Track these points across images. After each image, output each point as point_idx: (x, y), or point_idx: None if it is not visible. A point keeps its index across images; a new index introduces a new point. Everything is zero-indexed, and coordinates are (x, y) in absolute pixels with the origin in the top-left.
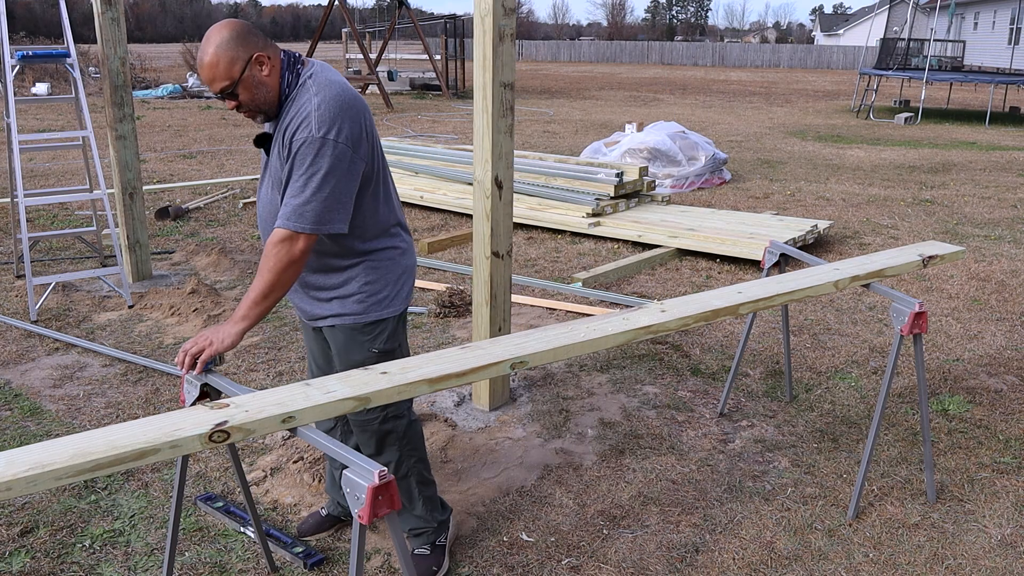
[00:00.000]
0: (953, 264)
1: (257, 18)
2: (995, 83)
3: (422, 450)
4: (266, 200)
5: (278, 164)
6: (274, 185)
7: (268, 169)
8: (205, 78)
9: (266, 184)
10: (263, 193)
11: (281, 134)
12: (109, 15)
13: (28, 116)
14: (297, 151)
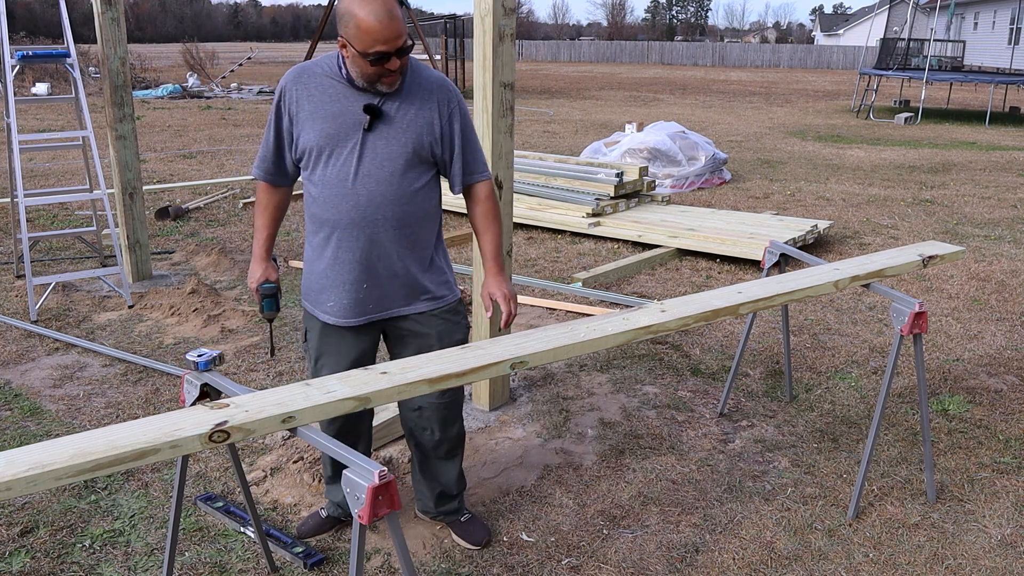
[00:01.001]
0: (953, 264)
1: (257, 18)
2: (995, 83)
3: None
4: (384, 171)
5: (407, 128)
6: (392, 152)
7: (376, 144)
8: (390, 34)
9: (370, 154)
10: (374, 168)
11: (423, 103)
12: (109, 15)
13: (28, 116)
14: (460, 111)
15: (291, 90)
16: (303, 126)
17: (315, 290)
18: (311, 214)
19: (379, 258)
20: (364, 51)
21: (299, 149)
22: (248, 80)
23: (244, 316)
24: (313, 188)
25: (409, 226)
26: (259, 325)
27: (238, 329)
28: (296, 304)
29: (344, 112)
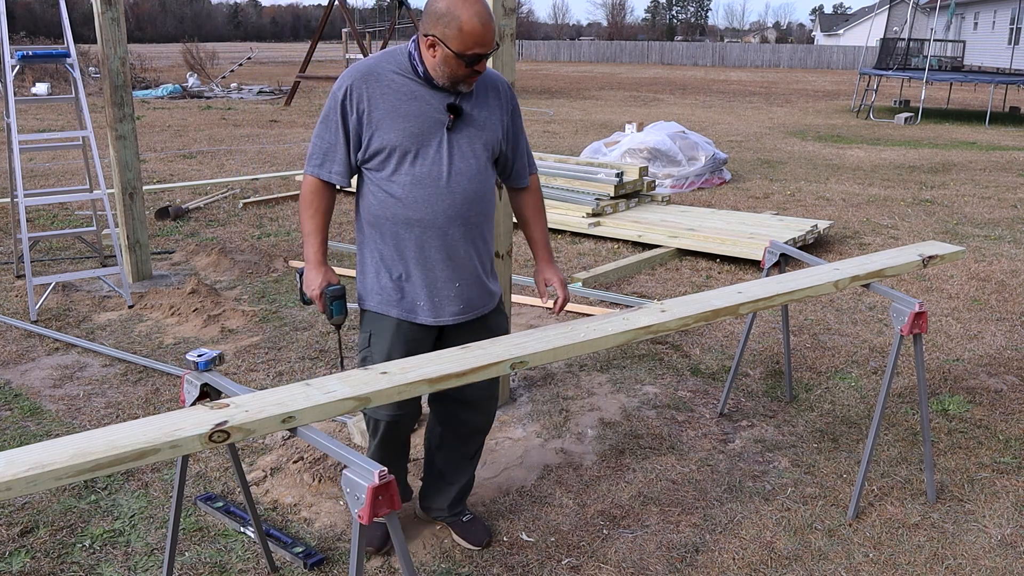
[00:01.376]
0: (953, 264)
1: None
2: (995, 83)
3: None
4: (471, 168)
5: (484, 126)
6: (475, 151)
7: (459, 143)
8: (490, 37)
9: (457, 152)
10: (464, 166)
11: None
12: (109, 15)
13: (28, 116)
14: (517, 108)
15: (359, 89)
16: (378, 126)
17: (390, 290)
18: (392, 216)
19: (466, 256)
20: (462, 51)
21: (371, 150)
22: (248, 80)
23: (244, 316)
24: (397, 188)
25: (488, 221)
26: (259, 325)
27: (238, 329)
28: (295, 304)
29: (424, 111)
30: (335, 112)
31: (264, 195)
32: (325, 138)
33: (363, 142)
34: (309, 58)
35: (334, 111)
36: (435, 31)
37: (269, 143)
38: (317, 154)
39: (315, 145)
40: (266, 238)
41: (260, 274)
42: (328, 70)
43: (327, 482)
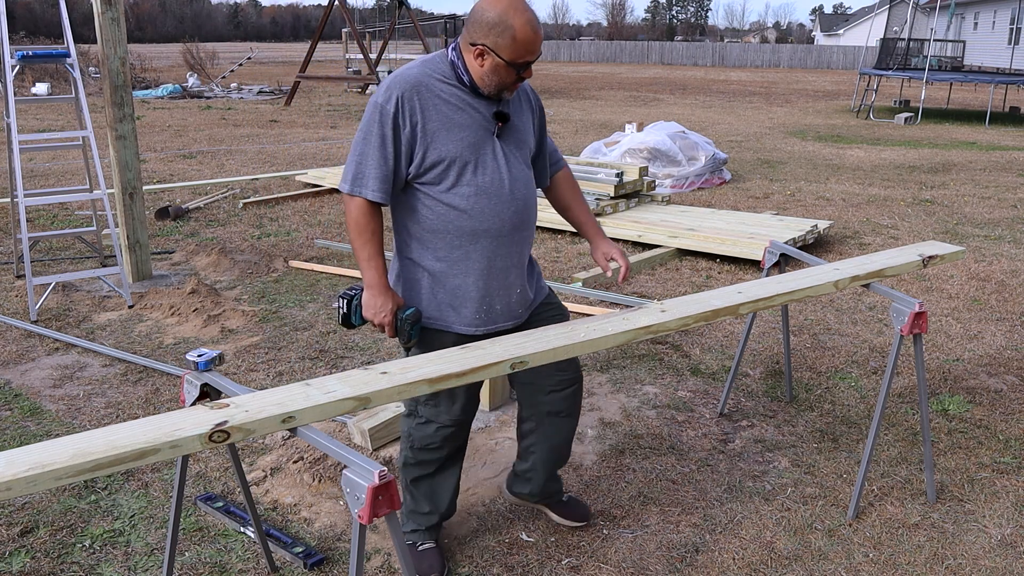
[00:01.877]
0: (953, 264)
1: (257, 18)
2: (995, 83)
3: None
4: (524, 174)
5: (523, 131)
6: (522, 156)
7: (508, 149)
8: (538, 46)
9: (511, 159)
10: (518, 172)
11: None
12: (109, 15)
13: (28, 116)
14: (543, 107)
15: (410, 99)
16: (434, 138)
17: (455, 305)
18: (455, 228)
19: (523, 259)
20: (514, 60)
21: (427, 163)
22: (248, 80)
23: (244, 316)
24: (460, 200)
25: (535, 225)
26: (259, 325)
27: (238, 329)
28: (296, 304)
29: (474, 120)
30: (383, 126)
31: (264, 195)
32: (369, 154)
33: (415, 156)
34: (309, 58)
35: (381, 125)
36: (486, 40)
37: (269, 143)
38: (365, 174)
39: (356, 163)
40: (266, 238)
41: (260, 274)
42: (328, 70)
43: (327, 482)
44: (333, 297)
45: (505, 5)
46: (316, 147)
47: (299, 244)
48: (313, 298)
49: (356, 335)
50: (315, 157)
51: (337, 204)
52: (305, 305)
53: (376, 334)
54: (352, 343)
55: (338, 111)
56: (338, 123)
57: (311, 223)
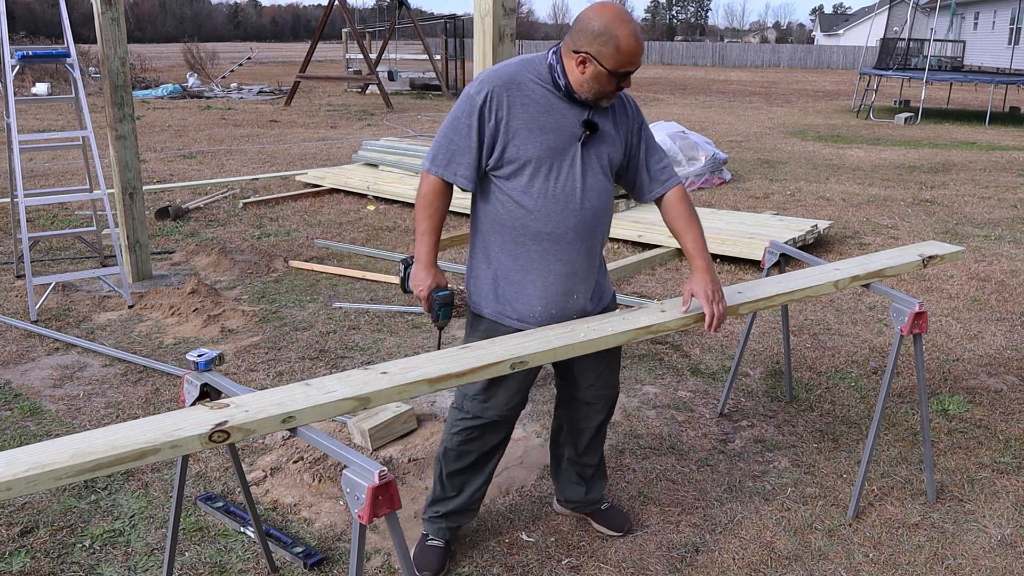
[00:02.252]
0: (953, 264)
1: (257, 18)
2: (995, 83)
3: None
4: (600, 184)
5: (611, 142)
6: (606, 169)
7: (590, 158)
8: (640, 57)
9: (589, 168)
10: (594, 182)
11: (615, 117)
12: (109, 15)
13: (28, 116)
14: (644, 124)
15: (499, 95)
16: (515, 135)
17: (513, 301)
18: (520, 226)
19: (587, 269)
20: (615, 69)
21: (505, 158)
22: (248, 80)
23: (244, 316)
24: (529, 200)
25: (607, 233)
26: (259, 325)
27: (238, 329)
28: (296, 304)
29: (561, 125)
30: (470, 116)
31: (264, 195)
32: (454, 140)
33: (495, 150)
34: (309, 58)
35: (469, 115)
36: (590, 49)
37: (269, 143)
38: (443, 154)
39: (441, 144)
40: (266, 238)
41: (260, 274)
42: (328, 70)
43: (327, 482)
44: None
45: (611, 15)
46: (316, 147)
47: (299, 244)
48: (313, 298)
49: (356, 335)
50: (315, 157)
51: (336, 204)
52: (305, 305)
53: (377, 333)
54: (352, 343)
55: (338, 111)
56: (338, 123)
57: (311, 223)
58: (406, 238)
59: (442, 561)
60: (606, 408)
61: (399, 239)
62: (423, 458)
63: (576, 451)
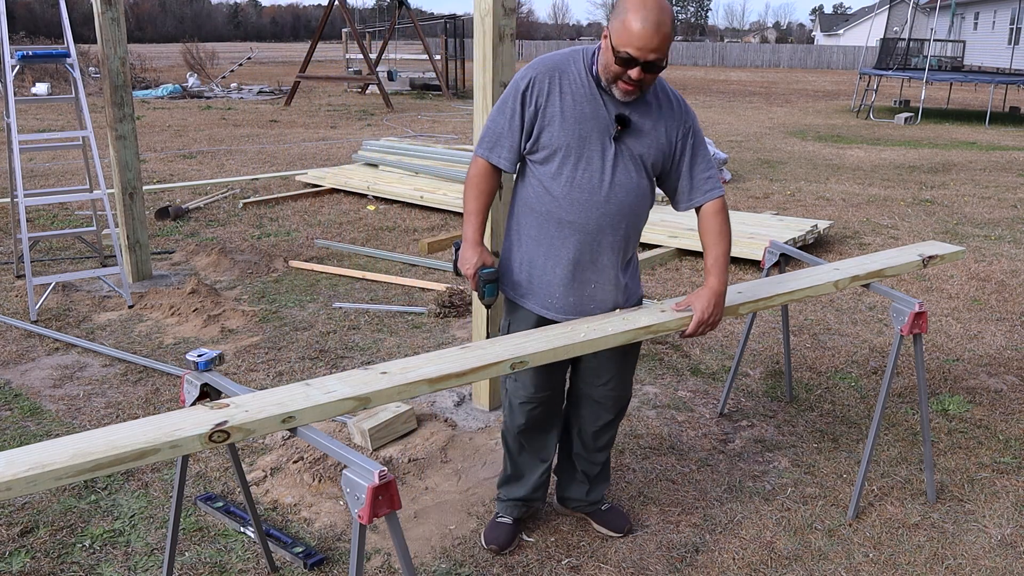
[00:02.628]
0: (953, 264)
1: (257, 18)
2: (995, 83)
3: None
4: (632, 181)
5: (650, 141)
6: (640, 167)
7: (623, 153)
8: (651, 44)
9: (621, 163)
10: (624, 178)
11: (660, 117)
12: (109, 15)
13: (28, 116)
14: (694, 130)
15: (541, 82)
16: (550, 121)
17: (535, 284)
18: (545, 211)
19: (610, 262)
20: (616, 47)
21: (540, 144)
22: (248, 80)
23: (244, 316)
24: (556, 187)
25: (638, 232)
26: (259, 325)
27: (238, 329)
28: (296, 304)
29: (594, 115)
30: (514, 101)
31: (264, 195)
32: (499, 123)
33: (533, 134)
34: (309, 58)
35: (513, 99)
36: (611, 25)
37: (269, 143)
38: (489, 137)
39: (488, 128)
40: (266, 238)
41: (260, 274)
42: (328, 70)
43: (327, 482)
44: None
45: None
46: (316, 147)
47: (299, 244)
48: (313, 298)
49: (356, 335)
50: (315, 157)
51: (336, 204)
52: (305, 305)
53: (377, 333)
54: (352, 343)
55: (338, 111)
56: (338, 123)
57: (311, 223)
58: (406, 238)
59: (510, 536)
60: (615, 408)
61: (399, 239)
62: (423, 458)
63: (584, 447)
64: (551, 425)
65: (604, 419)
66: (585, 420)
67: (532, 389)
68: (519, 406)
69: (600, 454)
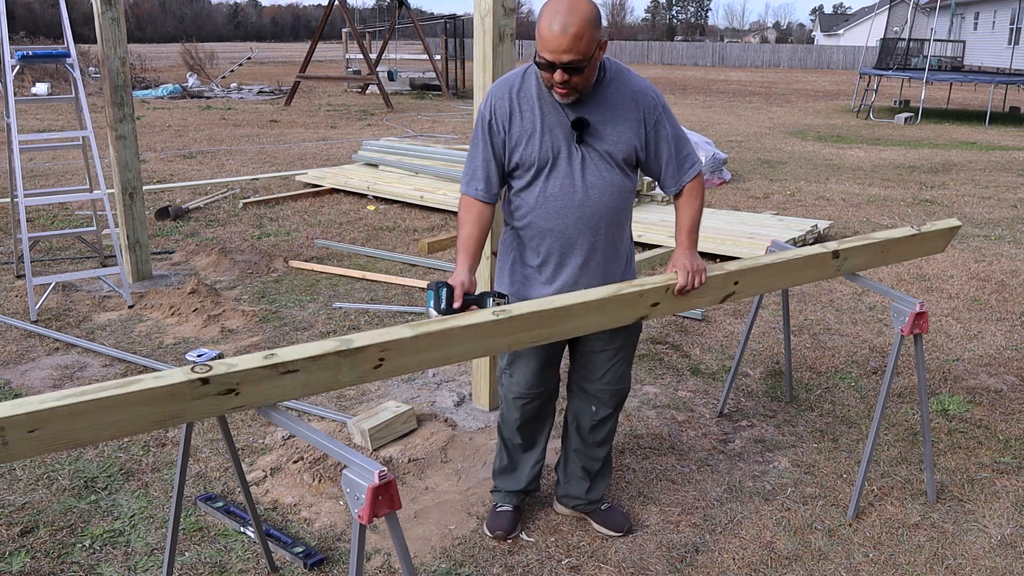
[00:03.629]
0: (953, 264)
1: (257, 18)
2: (995, 83)
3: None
4: (604, 180)
5: (613, 138)
6: (610, 165)
7: (591, 154)
8: (561, 47)
9: (589, 165)
10: (596, 179)
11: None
12: (109, 15)
13: (28, 116)
14: (665, 116)
15: (502, 107)
16: (518, 142)
17: (522, 283)
18: (526, 223)
19: (596, 262)
20: (536, 53)
21: (512, 163)
22: (248, 80)
23: (244, 316)
24: (530, 198)
25: (620, 226)
26: (259, 325)
27: (238, 329)
28: (296, 304)
29: (557, 124)
30: (483, 133)
31: (264, 195)
32: (474, 156)
33: (509, 158)
34: (309, 58)
35: (482, 131)
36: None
37: (269, 143)
38: (467, 171)
39: (467, 163)
40: (266, 238)
41: (260, 274)
42: (328, 70)
43: (327, 482)
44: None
45: (550, 2)
46: (316, 147)
47: (299, 244)
48: (313, 298)
49: None
50: (315, 157)
51: (336, 204)
52: (305, 305)
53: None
54: None
55: (338, 111)
56: (338, 123)
57: (311, 223)
58: (406, 238)
59: (512, 522)
60: (613, 403)
61: (399, 239)
62: (423, 458)
63: (583, 442)
64: (545, 420)
65: (601, 413)
66: (582, 415)
67: (526, 385)
68: (513, 401)
69: (599, 449)
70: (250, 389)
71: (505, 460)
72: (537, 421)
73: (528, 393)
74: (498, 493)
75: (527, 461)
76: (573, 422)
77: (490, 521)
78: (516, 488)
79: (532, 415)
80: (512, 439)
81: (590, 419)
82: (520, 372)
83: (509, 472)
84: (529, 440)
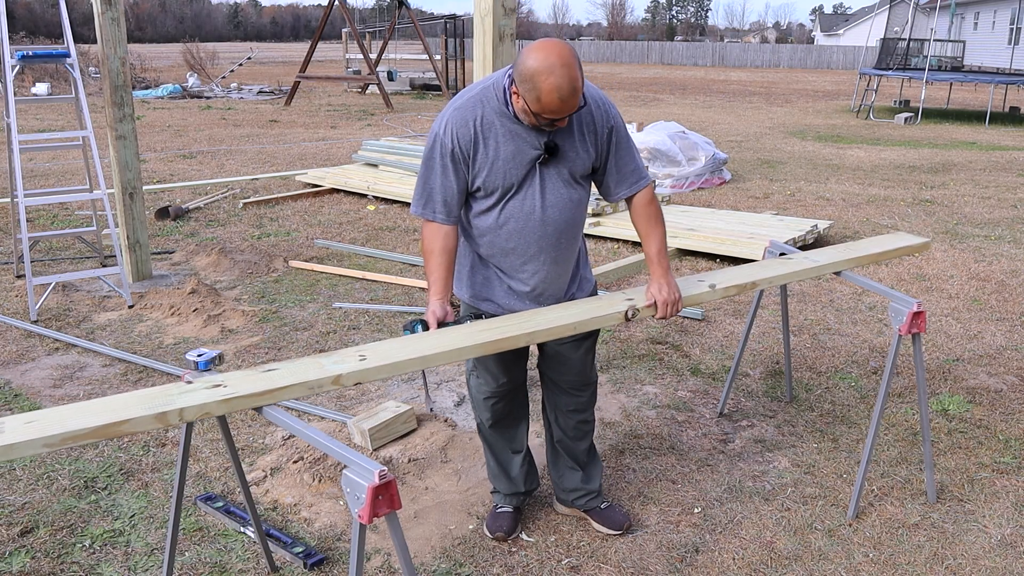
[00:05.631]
0: (953, 264)
1: (257, 18)
2: (995, 83)
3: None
4: (563, 198)
5: (574, 156)
6: (569, 182)
7: (550, 175)
8: (569, 105)
9: (549, 184)
10: (555, 198)
11: (580, 128)
12: (109, 15)
13: (28, 116)
14: (616, 126)
15: (464, 134)
16: (481, 168)
17: (488, 296)
18: (488, 241)
19: (557, 274)
20: (537, 113)
21: (474, 186)
22: (248, 80)
23: (244, 316)
24: (491, 219)
25: (576, 239)
26: (259, 325)
27: (238, 329)
28: (296, 304)
29: (521, 150)
30: (444, 157)
31: (264, 195)
32: (429, 180)
33: (470, 181)
34: (309, 58)
35: (443, 156)
36: (520, 88)
37: (269, 143)
38: (420, 193)
39: (418, 185)
40: (266, 238)
41: (260, 274)
42: (328, 70)
43: (327, 482)
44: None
45: (540, 62)
46: (316, 147)
47: (299, 244)
48: (313, 298)
49: (356, 335)
50: (315, 157)
51: (336, 204)
52: (305, 305)
53: (377, 333)
54: (352, 343)
55: (338, 111)
56: (338, 123)
57: (311, 223)
58: (406, 238)
59: (512, 523)
60: (584, 392)
61: (399, 239)
62: (423, 458)
63: (563, 431)
64: (518, 417)
65: (576, 402)
66: (558, 404)
67: (493, 384)
68: (483, 401)
69: (582, 441)
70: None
71: (492, 463)
72: (511, 419)
73: (497, 392)
74: (498, 494)
75: (513, 462)
76: (552, 413)
77: (490, 522)
78: (512, 491)
79: (504, 414)
80: (493, 441)
81: (565, 407)
82: (487, 371)
83: (500, 475)
84: (508, 440)
